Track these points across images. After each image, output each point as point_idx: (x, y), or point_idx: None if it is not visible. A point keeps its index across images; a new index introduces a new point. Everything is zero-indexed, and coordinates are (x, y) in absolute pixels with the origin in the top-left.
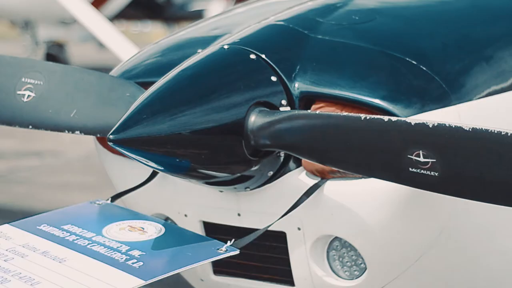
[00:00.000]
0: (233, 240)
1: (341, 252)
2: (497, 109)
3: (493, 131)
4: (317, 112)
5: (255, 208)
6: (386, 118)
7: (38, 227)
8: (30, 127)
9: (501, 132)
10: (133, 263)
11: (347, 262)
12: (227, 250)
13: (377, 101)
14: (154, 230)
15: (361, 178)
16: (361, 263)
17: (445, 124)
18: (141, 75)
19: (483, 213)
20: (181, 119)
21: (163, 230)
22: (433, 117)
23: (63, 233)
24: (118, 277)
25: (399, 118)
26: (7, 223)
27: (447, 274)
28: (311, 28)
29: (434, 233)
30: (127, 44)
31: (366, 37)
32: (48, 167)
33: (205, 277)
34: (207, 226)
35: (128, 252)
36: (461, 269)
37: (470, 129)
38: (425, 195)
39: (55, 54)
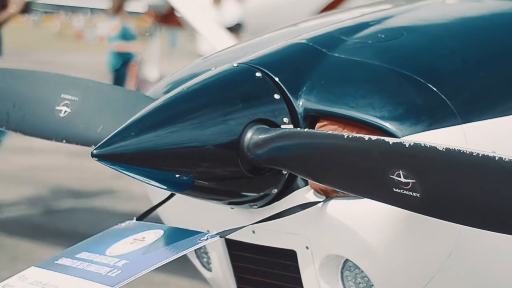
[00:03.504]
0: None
1: (354, 272)
2: (507, 131)
3: (465, 151)
4: (305, 130)
5: (267, 225)
6: (366, 137)
7: (56, 262)
8: (64, 141)
9: (472, 152)
10: (112, 273)
11: (359, 283)
12: (207, 238)
13: (376, 120)
14: (152, 237)
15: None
16: (372, 285)
17: (420, 144)
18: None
19: (494, 235)
20: (169, 136)
21: (161, 234)
22: (436, 136)
23: (73, 262)
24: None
25: (379, 137)
26: (34, 265)
27: None
28: (331, 46)
29: (443, 256)
30: None
31: (383, 56)
32: None
33: None
34: (228, 242)
35: (115, 264)
36: None
37: (444, 149)
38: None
39: None
